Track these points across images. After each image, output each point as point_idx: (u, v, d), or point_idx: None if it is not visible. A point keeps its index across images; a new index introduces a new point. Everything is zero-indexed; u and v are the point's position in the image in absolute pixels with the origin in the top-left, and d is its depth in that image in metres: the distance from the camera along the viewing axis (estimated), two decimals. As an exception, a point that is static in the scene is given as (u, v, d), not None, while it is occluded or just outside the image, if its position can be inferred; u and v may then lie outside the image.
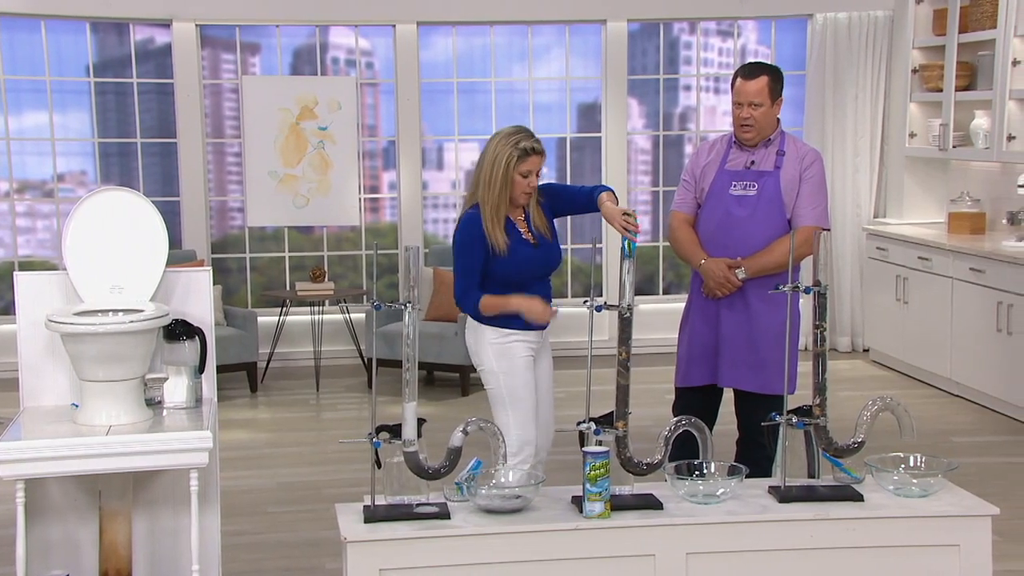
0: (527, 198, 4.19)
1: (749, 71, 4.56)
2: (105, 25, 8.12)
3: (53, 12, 7.91)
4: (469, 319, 4.28)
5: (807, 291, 3.42)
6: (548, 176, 8.49)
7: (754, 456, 4.18)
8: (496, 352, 4.18)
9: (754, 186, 4.52)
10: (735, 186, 4.55)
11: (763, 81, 4.49)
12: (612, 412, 3.34)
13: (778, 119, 4.60)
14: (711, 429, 4.25)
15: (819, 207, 4.53)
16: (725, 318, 4.56)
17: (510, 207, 4.18)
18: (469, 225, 4.15)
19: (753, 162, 4.57)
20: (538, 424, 4.23)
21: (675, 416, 3.58)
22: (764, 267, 4.48)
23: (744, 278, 4.49)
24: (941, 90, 7.64)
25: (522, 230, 4.20)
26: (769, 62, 6.46)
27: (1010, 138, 6.90)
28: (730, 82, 4.62)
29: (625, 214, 3.83)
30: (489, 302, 4.13)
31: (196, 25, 8.05)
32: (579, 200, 4.26)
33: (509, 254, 4.11)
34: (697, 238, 4.62)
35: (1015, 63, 6.86)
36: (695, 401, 4.55)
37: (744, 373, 4.55)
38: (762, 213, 4.50)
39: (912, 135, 8.03)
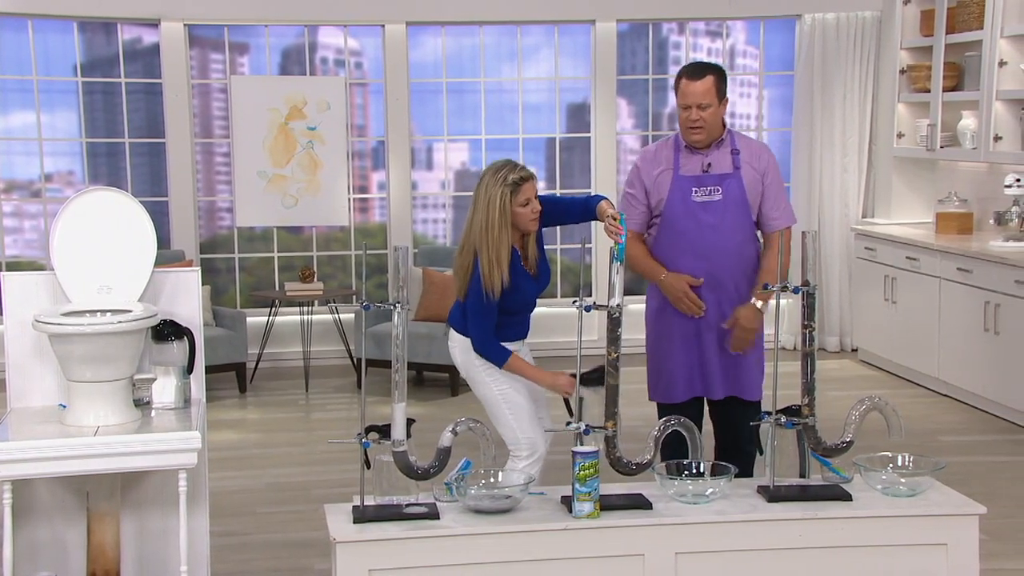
0: (535, 224, 4.15)
1: (694, 71, 4.30)
2: (93, 25, 8.09)
3: (40, 11, 7.88)
4: (453, 333, 4.27)
5: (795, 291, 3.42)
6: (538, 176, 8.49)
7: (741, 463, 4.04)
8: (486, 364, 4.18)
9: (718, 190, 4.32)
10: (697, 192, 4.33)
11: (709, 81, 4.28)
12: (600, 367, 3.36)
13: (723, 118, 4.38)
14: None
15: (786, 205, 4.43)
16: (709, 333, 4.36)
17: (516, 238, 4.13)
18: (479, 277, 4.09)
19: (710, 164, 4.36)
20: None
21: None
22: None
23: (764, 307, 4.32)
24: (929, 91, 7.66)
25: (523, 264, 4.18)
26: (713, 61, 6.36)
27: (997, 138, 6.92)
28: (673, 84, 4.40)
29: (612, 218, 3.87)
30: (517, 365, 4.13)
31: (184, 25, 8.03)
32: (574, 211, 4.23)
33: (511, 291, 4.10)
34: (648, 252, 4.41)
35: (1002, 64, 6.88)
36: (686, 414, 4.42)
37: (746, 382, 4.38)
38: (731, 217, 4.32)
39: (900, 135, 8.05)
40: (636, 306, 8.29)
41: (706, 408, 4.55)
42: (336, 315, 7.98)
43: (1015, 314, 6.33)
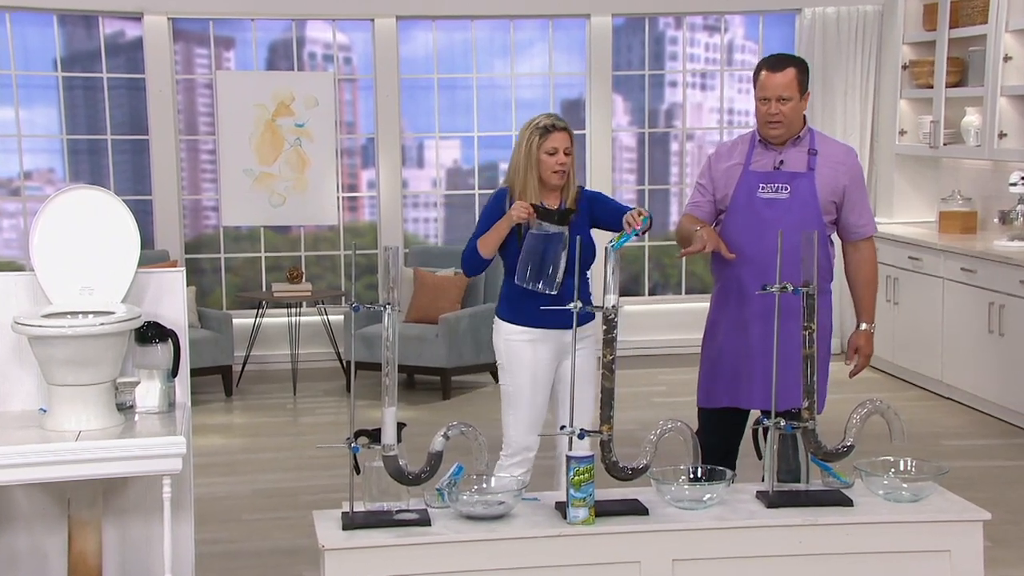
0: (558, 177, 4.20)
1: (775, 63, 4.22)
2: (73, 18, 8.01)
3: (19, 4, 7.78)
4: (496, 319, 4.29)
5: (795, 292, 3.35)
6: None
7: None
8: (508, 349, 4.22)
9: (786, 188, 4.20)
10: (763, 188, 4.22)
11: (791, 73, 4.19)
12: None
13: (804, 115, 4.30)
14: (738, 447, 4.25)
15: (869, 212, 4.36)
16: (756, 335, 4.20)
17: (543, 190, 4.20)
18: (494, 199, 4.26)
19: (782, 162, 4.25)
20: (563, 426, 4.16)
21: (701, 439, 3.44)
22: (873, 300, 4.44)
23: (872, 327, 4.37)
24: (931, 86, 7.60)
25: None
26: (795, 54, 6.22)
27: (1001, 135, 6.86)
28: (752, 76, 4.34)
29: (637, 212, 3.93)
30: (484, 239, 4.17)
31: (168, 18, 7.95)
32: (617, 218, 4.13)
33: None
34: (696, 220, 4.30)
35: (1007, 59, 6.82)
36: (726, 422, 4.30)
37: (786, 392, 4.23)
38: (795, 217, 4.14)
39: (902, 132, 8.00)
40: (632, 307, 8.31)
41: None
42: (325, 317, 7.92)
43: (1020, 315, 6.28)
